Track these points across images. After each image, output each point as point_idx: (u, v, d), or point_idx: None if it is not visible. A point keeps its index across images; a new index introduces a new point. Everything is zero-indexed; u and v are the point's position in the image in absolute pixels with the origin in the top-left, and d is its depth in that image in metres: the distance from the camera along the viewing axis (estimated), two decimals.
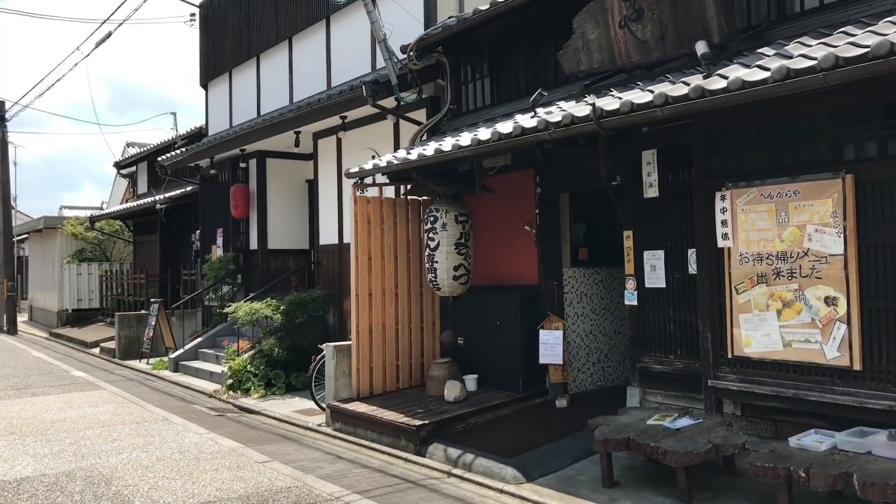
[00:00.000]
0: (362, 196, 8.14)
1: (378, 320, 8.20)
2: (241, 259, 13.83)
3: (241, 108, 14.28)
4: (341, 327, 11.21)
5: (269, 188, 13.75)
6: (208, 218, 15.06)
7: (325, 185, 11.73)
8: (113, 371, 13.19)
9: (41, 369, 13.17)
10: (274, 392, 10.23)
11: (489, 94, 8.49)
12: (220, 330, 13.20)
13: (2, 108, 23.92)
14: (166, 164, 15.14)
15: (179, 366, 12.62)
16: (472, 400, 7.54)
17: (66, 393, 10.51)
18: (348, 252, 11.11)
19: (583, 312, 8.02)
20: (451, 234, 7.44)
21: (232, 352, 11.12)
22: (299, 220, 14.02)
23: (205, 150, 13.77)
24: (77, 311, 21.02)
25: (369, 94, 8.71)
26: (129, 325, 14.93)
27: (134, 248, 20.72)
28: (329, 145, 11.63)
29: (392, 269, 8.32)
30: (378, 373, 8.19)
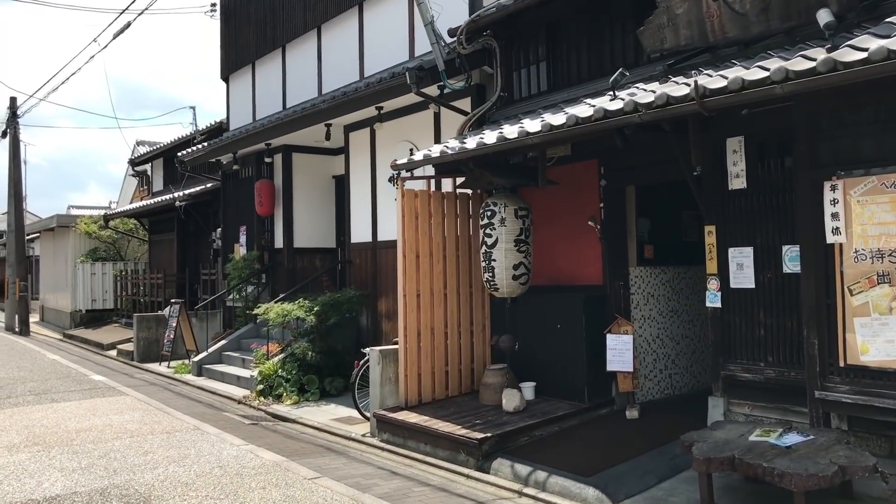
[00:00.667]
0: (410, 190, 7.56)
1: (426, 323, 7.62)
2: (265, 258, 13.27)
3: (265, 101, 13.73)
4: (375, 330, 10.64)
5: (295, 184, 13.19)
6: (230, 215, 14.51)
7: (358, 180, 11.16)
8: (133, 375, 12.64)
9: (58, 373, 12.64)
10: (307, 398, 9.67)
11: (545, 79, 7.90)
12: (245, 332, 12.64)
13: (14, 104, 23.46)
14: (186, 160, 14.60)
15: (203, 370, 12.07)
16: (532, 410, 6.96)
17: (87, 399, 9.95)
18: (383, 250, 10.58)
19: (649, 315, 7.43)
20: (510, 229, 6.85)
21: (261, 355, 10.56)
22: (325, 218, 13.47)
23: (228, 145, 13.23)
24: (91, 312, 20.50)
25: (413, 80, 8.13)
26: (148, 326, 14.39)
27: (149, 248, 20.20)
28: (362, 138, 11.06)
29: (441, 269, 7.75)
30: (427, 380, 7.61)
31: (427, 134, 9.72)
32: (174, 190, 17.20)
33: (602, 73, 7.27)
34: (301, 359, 9.93)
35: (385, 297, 10.50)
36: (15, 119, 23.29)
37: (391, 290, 10.34)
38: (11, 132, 23.26)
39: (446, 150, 6.93)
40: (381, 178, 10.63)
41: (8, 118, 23.41)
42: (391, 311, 10.36)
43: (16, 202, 22.60)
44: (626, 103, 5.19)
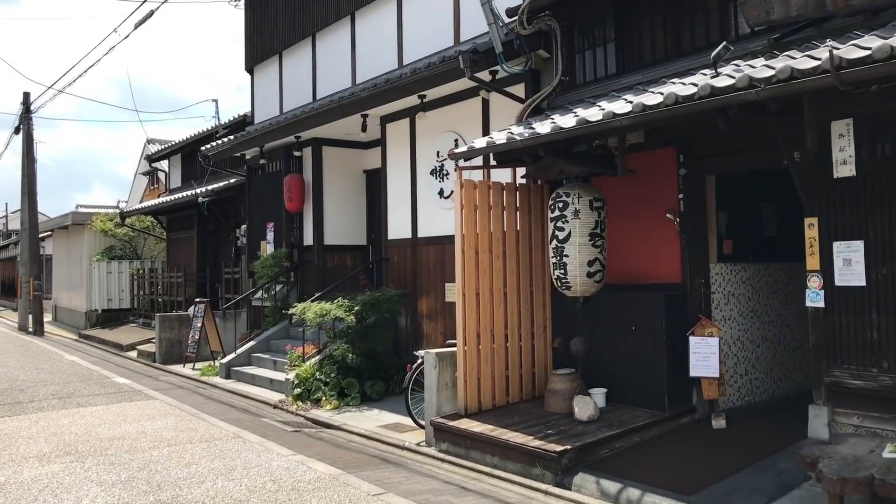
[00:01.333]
0: (469, 180, 7.01)
1: (486, 324, 7.07)
2: (295, 256, 12.74)
3: (293, 92, 13.19)
4: (415, 331, 10.10)
5: (325, 179, 12.67)
6: (256, 211, 13.98)
7: (396, 173, 10.61)
8: (157, 377, 12.12)
9: (80, 375, 12.12)
10: (347, 403, 9.13)
11: (613, 61, 7.34)
12: (274, 333, 12.11)
13: (27, 99, 23.00)
14: (210, 154, 14.07)
15: (232, 372, 11.54)
16: (607, 419, 6.40)
17: (114, 403, 9.43)
18: (424, 247, 10.03)
19: (730, 316, 6.87)
20: (584, 222, 6.29)
21: (296, 357, 10.03)
22: (356, 214, 12.94)
23: (255, 138, 12.69)
24: (107, 312, 20.00)
25: (467, 64, 7.58)
26: (171, 326, 13.87)
27: (167, 246, 19.69)
28: (400, 130, 10.52)
29: (500, 265, 7.20)
30: (486, 385, 7.06)
31: (473, 123, 9.17)
32: (195, 186, 16.68)
33: (680, 54, 6.72)
34: (340, 361, 9.40)
35: (426, 296, 9.96)
36: (29, 114, 22.82)
37: (433, 288, 9.81)
38: (25, 128, 22.80)
39: (513, 136, 6.37)
40: (421, 170, 10.09)
41: (21, 113, 22.95)
42: (433, 312, 9.82)
43: (29, 200, 22.13)
44: (738, 79, 4.63)
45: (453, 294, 9.39)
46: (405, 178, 10.38)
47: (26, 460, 6.55)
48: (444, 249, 9.65)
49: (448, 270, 9.58)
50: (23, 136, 22.99)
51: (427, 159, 9.96)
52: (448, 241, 9.55)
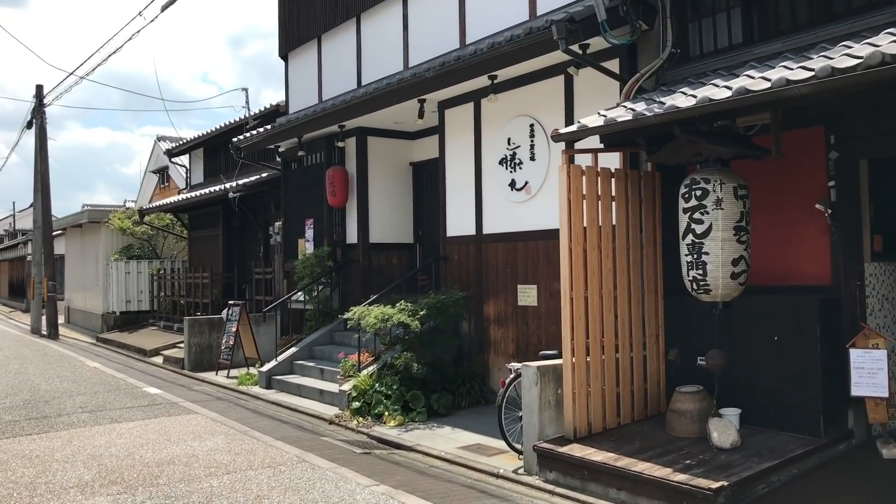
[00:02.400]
0: (576, 166, 6.05)
1: (595, 333, 6.10)
2: (338, 255, 11.79)
3: (334, 78, 12.23)
4: (481, 338, 9.14)
5: (371, 171, 11.72)
6: (293, 207, 13.02)
7: (456, 163, 9.66)
8: (190, 387, 11.17)
9: (106, 384, 11.18)
10: (413, 418, 8.17)
11: (740, 29, 6.37)
12: (318, 338, 11.16)
13: (40, 92, 22.10)
14: (243, 146, 13.13)
15: (273, 381, 10.59)
16: (752, 446, 5.44)
17: (151, 418, 8.49)
18: (491, 245, 9.06)
19: (884, 324, 5.90)
20: (728, 213, 5.32)
21: (350, 366, 9.07)
22: (402, 210, 11.99)
23: (294, 128, 11.75)
24: (125, 314, 19.07)
25: (562, 35, 6.63)
26: (200, 331, 12.92)
27: (189, 244, 18.75)
28: (462, 116, 9.56)
29: (610, 265, 6.23)
30: (596, 404, 6.10)
31: (553, 106, 8.21)
32: (222, 181, 15.74)
33: (831, 17, 5.75)
34: (402, 371, 8.44)
35: (494, 299, 9.00)
36: (42, 108, 21.92)
37: (502, 291, 8.86)
38: (38, 122, 21.90)
39: (642, 112, 5.40)
40: (488, 160, 9.14)
41: (34, 107, 22.04)
42: (502, 316, 8.86)
43: (43, 197, 21.23)
44: None
45: (528, 297, 8.45)
46: (467, 168, 9.43)
47: (66, 491, 5.61)
48: (516, 248, 8.70)
49: (521, 271, 8.63)
50: (35, 131, 22.08)
51: (495, 147, 9.01)
52: (521, 237, 8.62)
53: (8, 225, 58.92)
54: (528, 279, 8.53)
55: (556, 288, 8.13)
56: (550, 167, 8.23)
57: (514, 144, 8.71)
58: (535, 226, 8.43)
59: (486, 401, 8.92)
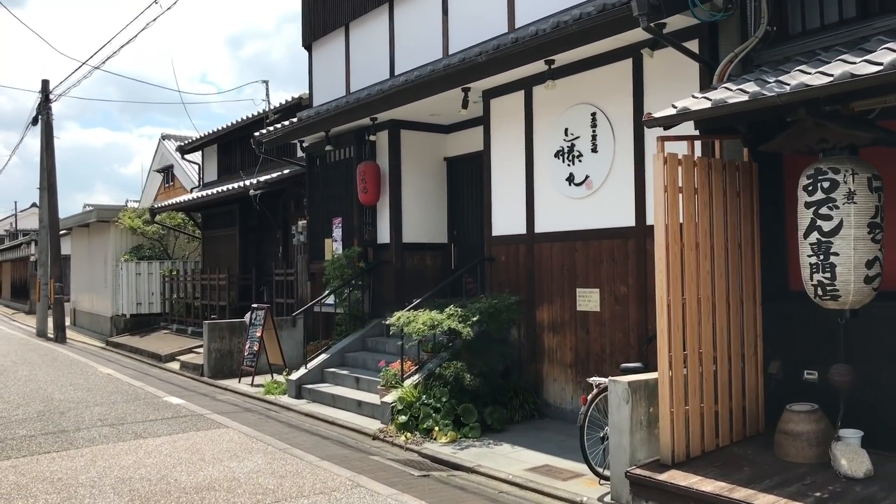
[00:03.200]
0: (672, 154, 5.35)
1: (692, 344, 5.41)
2: (369, 255, 11.09)
3: (364, 68, 11.53)
4: (533, 346, 8.45)
5: (404, 167, 11.03)
6: (319, 205, 12.33)
7: (503, 157, 8.98)
8: (214, 396, 10.47)
9: (123, 392, 10.48)
10: (466, 434, 7.48)
11: (853, 4, 5.67)
12: (349, 344, 10.46)
13: (46, 87, 21.40)
14: (265, 141, 12.45)
15: (304, 390, 9.89)
16: (890, 476, 4.74)
17: (179, 433, 7.79)
18: (545, 245, 8.36)
19: None
20: (862, 208, 4.63)
21: (392, 375, 8.38)
22: (436, 208, 11.31)
23: (321, 121, 11.07)
24: (135, 317, 18.36)
25: (643, 10, 5.96)
26: (221, 335, 12.22)
27: (203, 245, 18.04)
28: (510, 105, 8.87)
29: (708, 267, 5.53)
30: (694, 424, 5.40)
31: (618, 92, 7.53)
32: (238, 178, 15.03)
33: None
34: (452, 382, 7.75)
35: (549, 303, 8.31)
36: (48, 103, 21.22)
37: (558, 295, 8.18)
38: (44, 118, 21.20)
39: (759, 91, 4.70)
40: (541, 152, 8.45)
41: (40, 102, 21.34)
42: (558, 323, 8.18)
43: (49, 195, 20.53)
44: None
45: (588, 302, 7.76)
46: (517, 162, 8.74)
47: None
48: (574, 248, 8.01)
49: (581, 273, 7.94)
50: (41, 127, 21.39)
51: (550, 139, 8.32)
52: (581, 236, 7.94)
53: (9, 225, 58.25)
54: (589, 282, 7.84)
55: (622, 292, 7.46)
56: (616, 159, 7.54)
57: (573, 135, 8.02)
58: (597, 224, 7.75)
59: (540, 414, 8.24)
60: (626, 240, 7.45)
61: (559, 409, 8.16)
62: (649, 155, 7.17)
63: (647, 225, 7.21)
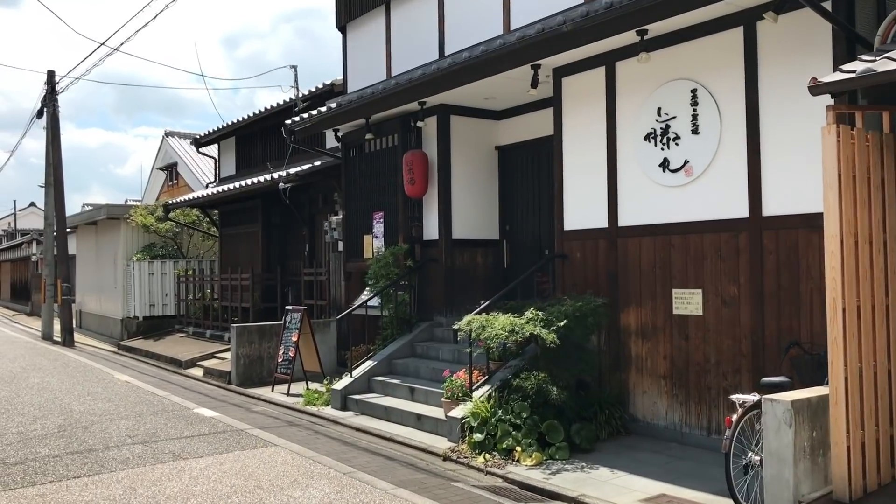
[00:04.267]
0: (845, 128, 4.43)
1: (867, 356, 4.49)
2: (416, 252, 10.16)
3: (408, 49, 10.59)
4: (617, 353, 7.54)
5: (453, 156, 10.11)
6: (356, 198, 11.39)
7: (578, 142, 8.06)
8: (249, 407, 9.52)
9: (148, 403, 9.53)
10: (553, 456, 6.55)
11: None
12: (397, 350, 9.54)
13: (52, 78, 20.44)
14: (297, 129, 11.52)
15: (349, 401, 8.96)
16: None
17: (223, 452, 6.86)
18: (631, 240, 7.41)
19: None
20: None
21: (458, 386, 7.45)
22: (487, 201, 10.40)
23: (362, 106, 10.16)
24: (148, 319, 17.39)
25: None
26: (250, 340, 11.28)
27: (220, 243, 17.07)
28: (587, 84, 7.95)
29: (882, 263, 4.62)
30: (870, 452, 4.49)
31: (727, 65, 6.61)
32: (272, 169, 14.07)
33: None
34: (533, 395, 6.82)
35: (637, 306, 7.39)
36: (54, 94, 20.26)
37: (649, 296, 7.28)
38: (50, 110, 20.24)
39: None
40: (626, 135, 7.54)
41: (45, 94, 20.37)
42: (649, 328, 7.26)
43: (56, 191, 19.55)
44: None
45: (688, 305, 6.85)
46: (595, 146, 7.82)
47: None
48: (669, 242, 7.09)
49: (678, 272, 7.03)
50: (47, 120, 20.44)
51: (637, 120, 7.41)
52: (678, 230, 7.03)
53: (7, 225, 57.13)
54: (689, 282, 6.92)
55: (731, 293, 6.55)
56: (723, 142, 6.63)
57: (667, 115, 7.11)
58: (699, 215, 6.83)
59: (627, 431, 7.32)
60: (735, 233, 6.54)
61: (650, 425, 7.23)
62: (768, 134, 6.29)
63: (765, 216, 6.32)
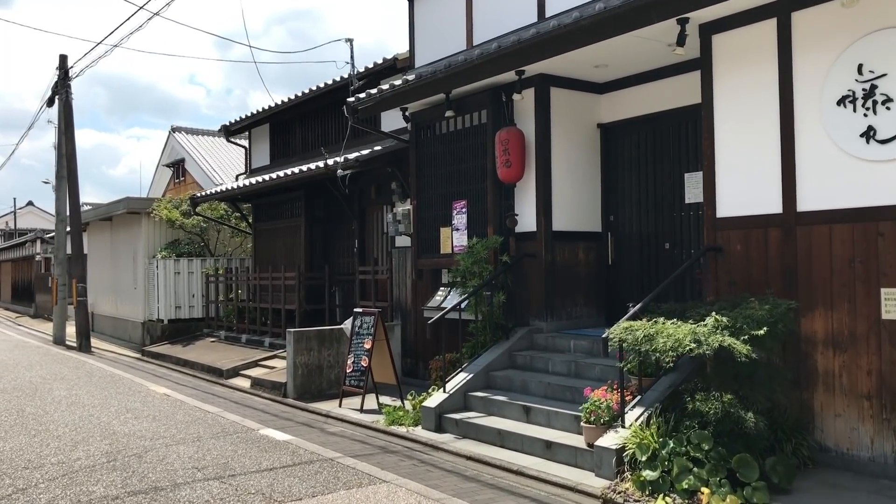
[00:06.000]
0: None
1: None
2: (511, 247, 8.77)
3: (493, 13, 9.20)
4: (796, 368, 6.13)
5: (554, 135, 8.72)
6: (430, 185, 9.99)
7: (737, 110, 6.68)
8: (324, 428, 8.12)
9: (202, 422, 8.12)
10: (750, 498, 5.17)
11: None
12: (494, 361, 8.13)
13: (64, 63, 19.00)
14: (361, 108, 10.13)
15: (446, 422, 7.55)
16: None
17: (325, 492, 5.47)
18: (818, 228, 5.91)
19: None
20: None
21: (605, 408, 6.06)
22: (589, 187, 9.06)
23: (444, 79, 8.83)
24: (173, 323, 15.94)
25: None
26: (308, 347, 9.89)
27: (254, 239, 15.61)
28: (747, 41, 6.57)
29: None
30: None
31: None
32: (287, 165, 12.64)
33: None
34: (717, 422, 5.42)
35: (823, 310, 6.02)
36: (66, 80, 18.80)
37: (841, 298, 5.95)
38: (62, 97, 18.80)
39: None
40: (808, 101, 6.16)
41: (57, 80, 18.92)
42: (838, 337, 5.93)
43: (70, 184, 18.09)
44: None
45: None
46: (762, 115, 6.45)
47: None
48: (876, 230, 5.72)
49: (888, 267, 5.64)
50: (59, 107, 19.02)
51: (826, 81, 6.02)
52: (889, 215, 5.63)
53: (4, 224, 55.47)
54: None
55: None
56: None
57: (872, 74, 5.72)
58: None
59: (813, 462, 5.92)
60: None
61: (846, 456, 5.84)
62: None
63: None
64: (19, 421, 8.18)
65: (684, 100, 8.03)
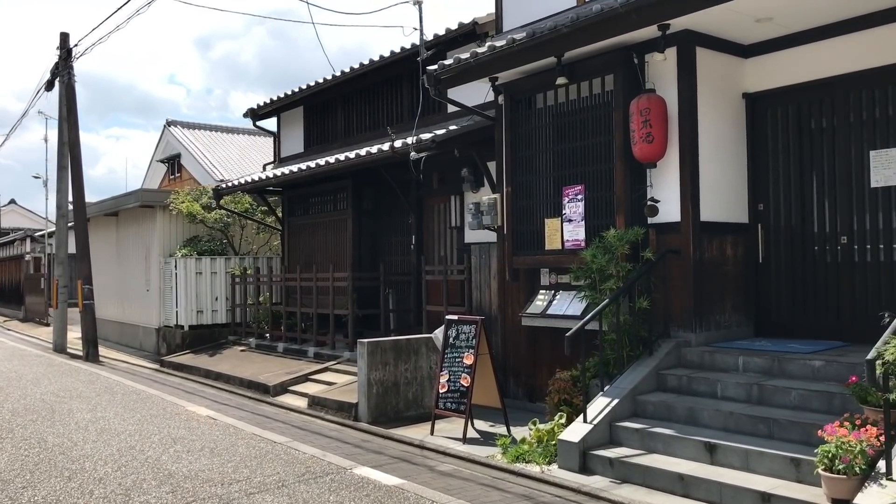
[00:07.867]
0: None
1: None
2: (651, 240, 7.20)
3: None
4: None
5: (700, 105, 7.17)
6: (527, 170, 8.39)
7: None
8: (431, 466, 6.48)
9: (277, 458, 6.46)
10: None
11: None
12: (640, 384, 6.54)
13: (66, 42, 17.21)
14: (444, 77, 8.56)
15: (593, 460, 5.95)
16: None
17: None
18: None
19: None
20: None
21: (858, 452, 4.49)
22: (734, 169, 7.54)
23: (556, 39, 7.25)
24: (195, 329, 14.22)
25: None
26: (384, 361, 8.26)
27: (287, 235, 13.89)
28: None
29: None
30: None
31: None
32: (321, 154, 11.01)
33: None
34: None
35: None
36: (69, 60, 17.02)
37: None
38: (65, 80, 17.00)
39: None
40: None
41: (59, 60, 17.13)
42: None
43: (73, 173, 16.33)
44: None
45: None
46: None
47: None
48: None
49: None
50: (61, 91, 17.21)
51: None
52: None
53: None
54: None
55: None
56: None
57: None
58: None
59: None
60: None
61: None
62: None
63: None
64: (45, 456, 6.50)
65: (872, 61, 6.52)
